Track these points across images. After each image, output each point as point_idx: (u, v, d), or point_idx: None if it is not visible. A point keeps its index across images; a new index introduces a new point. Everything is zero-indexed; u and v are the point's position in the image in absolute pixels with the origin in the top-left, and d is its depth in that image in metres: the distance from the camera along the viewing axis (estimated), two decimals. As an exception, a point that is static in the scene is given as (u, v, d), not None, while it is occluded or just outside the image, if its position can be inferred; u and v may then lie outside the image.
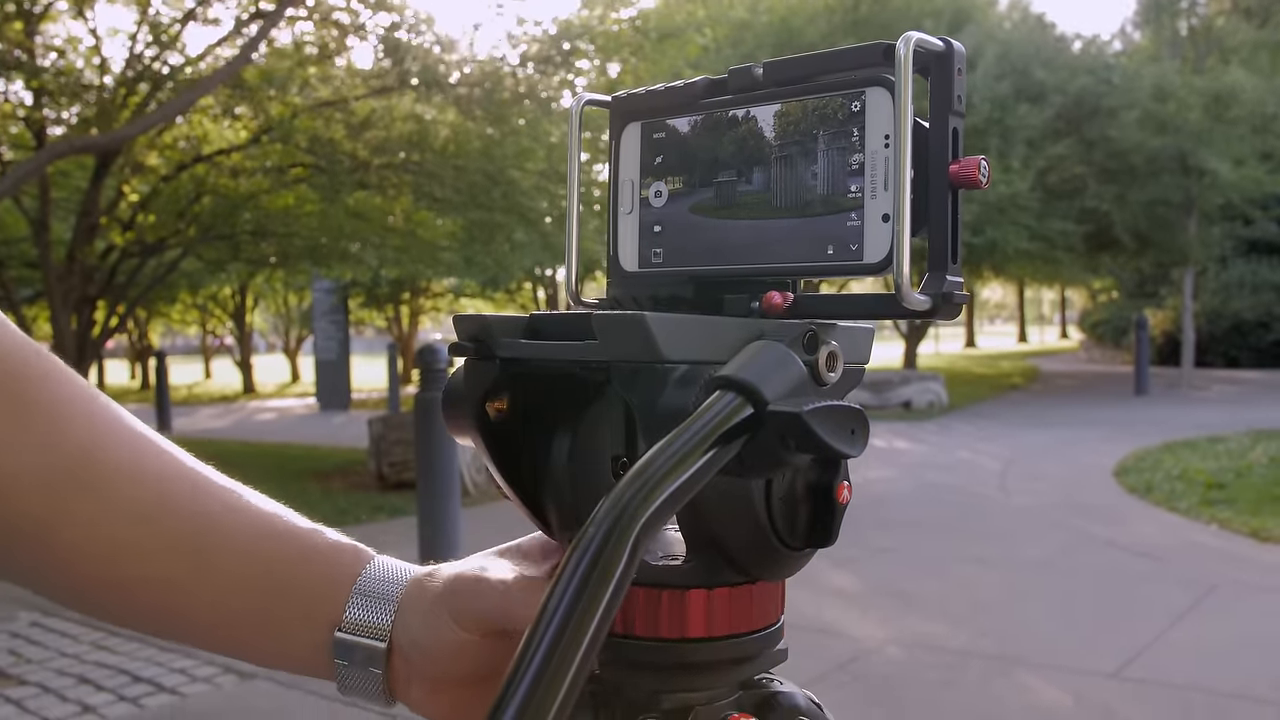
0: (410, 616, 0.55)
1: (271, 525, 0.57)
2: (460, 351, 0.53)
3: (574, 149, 0.59)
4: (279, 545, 0.56)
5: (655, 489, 0.37)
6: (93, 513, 0.52)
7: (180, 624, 0.56)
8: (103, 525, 0.53)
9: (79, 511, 0.52)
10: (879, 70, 0.48)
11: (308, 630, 0.56)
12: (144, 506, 0.54)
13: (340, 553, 0.57)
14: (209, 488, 0.56)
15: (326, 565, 0.57)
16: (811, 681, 3.22)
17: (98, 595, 0.55)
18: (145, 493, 0.54)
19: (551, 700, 0.32)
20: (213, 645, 0.58)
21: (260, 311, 32.84)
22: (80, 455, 0.52)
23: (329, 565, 0.57)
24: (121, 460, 0.54)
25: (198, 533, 0.54)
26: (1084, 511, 7.00)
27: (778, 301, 0.51)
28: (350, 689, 0.56)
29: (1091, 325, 27.65)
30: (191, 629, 0.57)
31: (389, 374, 16.60)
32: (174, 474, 0.55)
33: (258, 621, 0.56)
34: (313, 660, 0.57)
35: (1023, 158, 15.38)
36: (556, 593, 0.34)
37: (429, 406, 5.54)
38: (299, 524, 0.58)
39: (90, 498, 0.52)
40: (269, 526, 0.56)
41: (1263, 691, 3.69)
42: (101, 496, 0.53)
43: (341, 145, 8.69)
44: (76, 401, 0.54)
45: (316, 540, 0.57)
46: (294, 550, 0.56)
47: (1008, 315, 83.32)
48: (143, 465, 0.54)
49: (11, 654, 4.45)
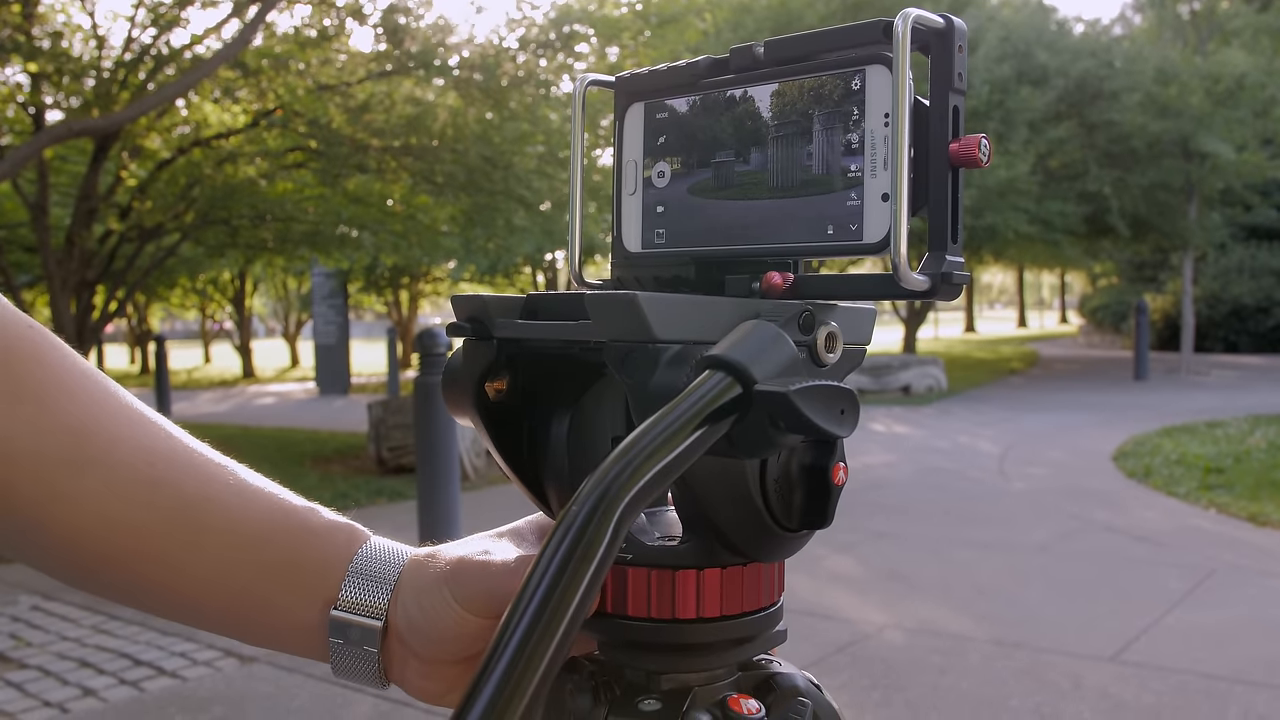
0: (408, 596, 0.55)
1: (267, 503, 0.56)
2: (458, 332, 0.53)
3: (577, 130, 0.59)
4: (274, 524, 0.56)
5: (641, 468, 0.36)
6: (88, 490, 0.52)
7: (174, 601, 0.56)
8: (98, 502, 0.52)
9: (75, 490, 0.52)
10: (879, 48, 0.48)
11: (303, 608, 0.56)
12: (138, 484, 0.53)
13: (337, 532, 0.57)
14: (204, 465, 0.56)
15: (322, 544, 0.56)
16: (810, 665, 3.23)
17: (96, 572, 0.55)
18: (140, 469, 0.53)
19: (532, 674, 0.32)
20: (207, 623, 0.57)
21: (260, 296, 32.84)
22: (75, 433, 0.52)
23: (325, 544, 0.56)
24: (116, 436, 0.53)
25: (192, 509, 0.54)
26: (1083, 496, 7.01)
27: (777, 282, 0.51)
28: (344, 670, 0.56)
29: (1091, 310, 27.65)
30: (186, 606, 0.56)
31: (388, 358, 16.60)
32: (168, 451, 0.55)
33: (252, 599, 0.56)
34: (307, 639, 0.57)
35: (1023, 141, 15.35)
36: (539, 569, 0.34)
37: (428, 390, 5.55)
38: (295, 503, 0.57)
39: (85, 475, 0.52)
40: (265, 505, 0.56)
41: (1260, 675, 3.70)
42: (97, 474, 0.52)
43: (341, 129, 8.66)
44: (69, 378, 0.53)
45: (312, 519, 0.57)
46: (290, 529, 0.56)
47: (1007, 300, 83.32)
48: (137, 442, 0.54)
49: (12, 638, 4.46)
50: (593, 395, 0.56)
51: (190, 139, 9.15)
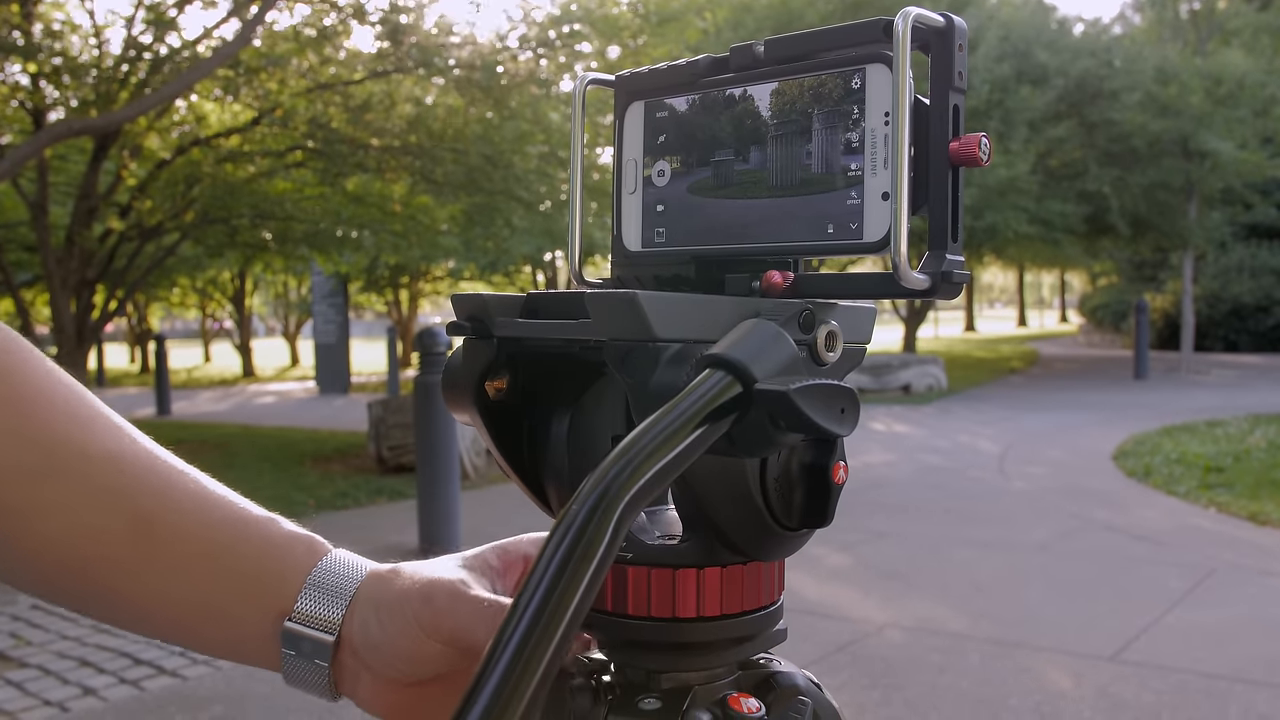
0: (367, 611, 0.54)
1: (228, 512, 0.56)
2: (458, 331, 0.53)
3: (577, 129, 0.59)
4: (234, 533, 0.55)
5: (641, 467, 0.36)
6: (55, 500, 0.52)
7: (130, 608, 0.55)
8: (65, 513, 0.52)
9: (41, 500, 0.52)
10: (879, 47, 0.48)
11: (258, 619, 0.55)
12: (104, 492, 0.53)
13: (296, 543, 0.57)
14: (167, 473, 0.55)
15: (280, 554, 0.56)
16: (810, 664, 3.22)
17: (55, 581, 0.54)
18: (106, 478, 0.53)
19: (531, 674, 0.32)
20: (162, 632, 0.57)
21: (260, 295, 32.84)
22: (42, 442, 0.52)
23: (283, 554, 0.56)
24: (84, 444, 0.53)
25: (149, 516, 0.54)
26: (1083, 495, 7.02)
27: (778, 281, 0.51)
28: (295, 680, 0.56)
29: (1091, 309, 27.66)
30: (141, 614, 0.56)
31: (388, 357, 16.61)
32: (133, 457, 0.55)
33: (208, 608, 0.55)
34: (260, 649, 0.56)
35: (1023, 140, 15.35)
36: (539, 568, 0.34)
37: (429, 390, 5.55)
38: (255, 513, 0.57)
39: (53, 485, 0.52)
40: (225, 514, 0.56)
41: (1260, 674, 3.70)
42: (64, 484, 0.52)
43: (341, 129, 8.66)
44: (36, 384, 0.53)
45: (271, 530, 0.56)
46: (249, 538, 0.56)
47: (1007, 299, 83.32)
48: (104, 449, 0.54)
49: (12, 637, 4.46)
50: (593, 394, 0.56)
51: (190, 138, 9.15)
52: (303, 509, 7.03)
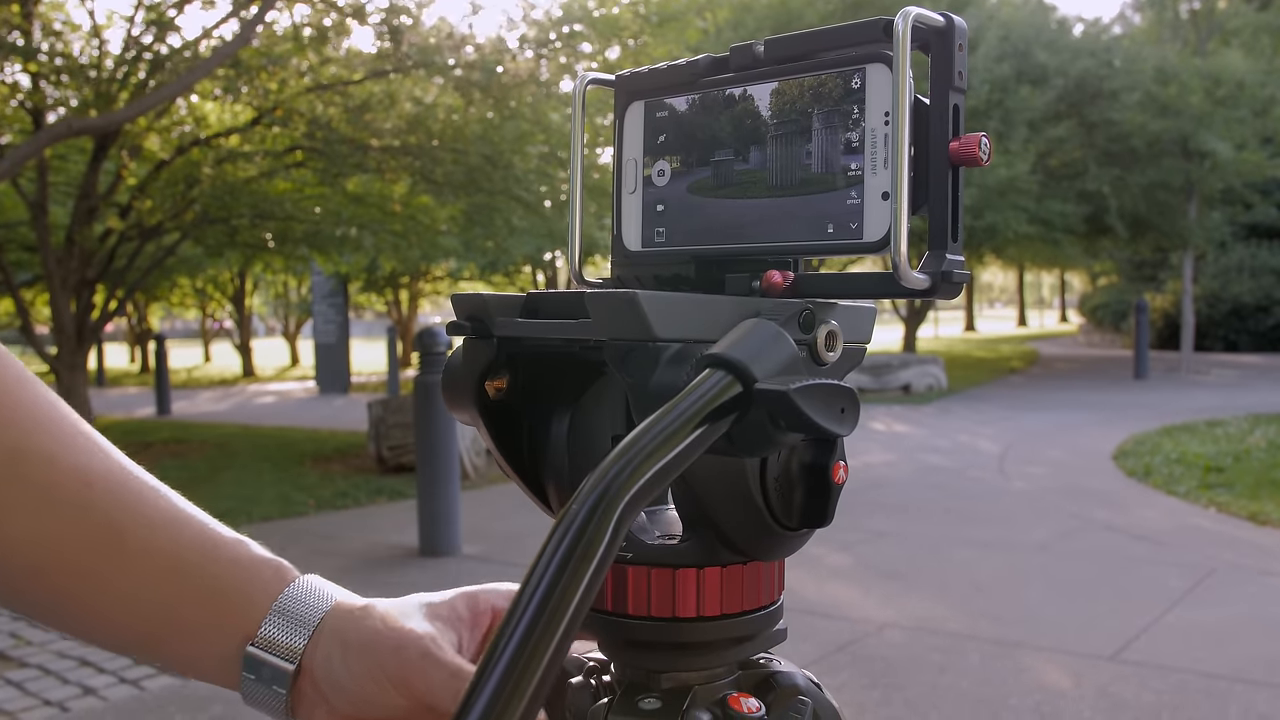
0: (332, 648, 0.54)
1: (197, 532, 0.56)
2: (458, 330, 0.53)
3: (577, 129, 0.59)
4: (202, 552, 0.56)
5: (641, 467, 0.36)
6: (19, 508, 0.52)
7: (94, 621, 0.56)
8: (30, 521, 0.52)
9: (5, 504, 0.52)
10: (879, 46, 0.48)
11: (220, 639, 0.55)
12: (71, 504, 0.53)
13: (264, 567, 0.57)
14: (139, 489, 0.55)
15: (248, 577, 0.56)
16: (810, 664, 3.23)
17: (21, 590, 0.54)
18: (73, 490, 0.53)
19: (531, 675, 0.32)
20: (125, 646, 0.57)
21: (260, 295, 32.84)
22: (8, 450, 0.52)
23: (250, 577, 0.56)
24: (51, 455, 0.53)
25: (122, 531, 0.54)
26: (1083, 495, 7.02)
27: (778, 280, 0.51)
28: (253, 702, 0.56)
29: (1091, 309, 27.67)
30: (106, 627, 0.56)
31: (388, 357, 16.61)
32: (104, 471, 0.55)
33: (172, 625, 0.55)
34: (218, 669, 0.56)
35: (1023, 140, 15.35)
36: (539, 569, 0.34)
37: (429, 390, 5.55)
38: (224, 534, 0.57)
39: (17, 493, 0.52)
40: (194, 533, 0.56)
41: (1260, 674, 3.70)
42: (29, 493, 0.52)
43: (341, 129, 8.66)
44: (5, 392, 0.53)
45: (240, 552, 0.57)
46: (218, 559, 0.56)
47: (1007, 299, 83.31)
48: (73, 461, 0.54)
49: (12, 636, 4.46)
50: (593, 394, 0.56)
51: (190, 138, 9.15)
52: (303, 509, 7.03)
